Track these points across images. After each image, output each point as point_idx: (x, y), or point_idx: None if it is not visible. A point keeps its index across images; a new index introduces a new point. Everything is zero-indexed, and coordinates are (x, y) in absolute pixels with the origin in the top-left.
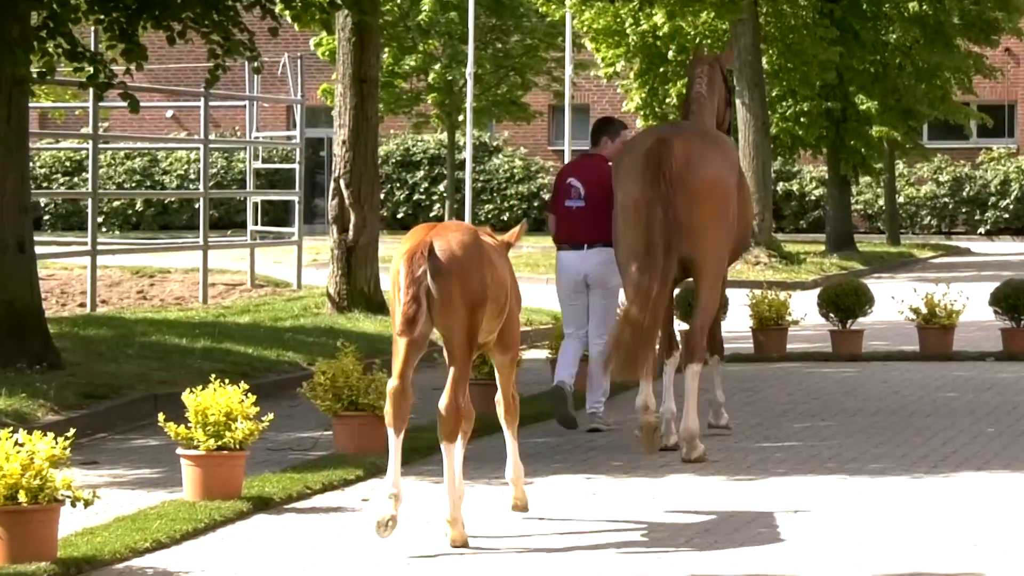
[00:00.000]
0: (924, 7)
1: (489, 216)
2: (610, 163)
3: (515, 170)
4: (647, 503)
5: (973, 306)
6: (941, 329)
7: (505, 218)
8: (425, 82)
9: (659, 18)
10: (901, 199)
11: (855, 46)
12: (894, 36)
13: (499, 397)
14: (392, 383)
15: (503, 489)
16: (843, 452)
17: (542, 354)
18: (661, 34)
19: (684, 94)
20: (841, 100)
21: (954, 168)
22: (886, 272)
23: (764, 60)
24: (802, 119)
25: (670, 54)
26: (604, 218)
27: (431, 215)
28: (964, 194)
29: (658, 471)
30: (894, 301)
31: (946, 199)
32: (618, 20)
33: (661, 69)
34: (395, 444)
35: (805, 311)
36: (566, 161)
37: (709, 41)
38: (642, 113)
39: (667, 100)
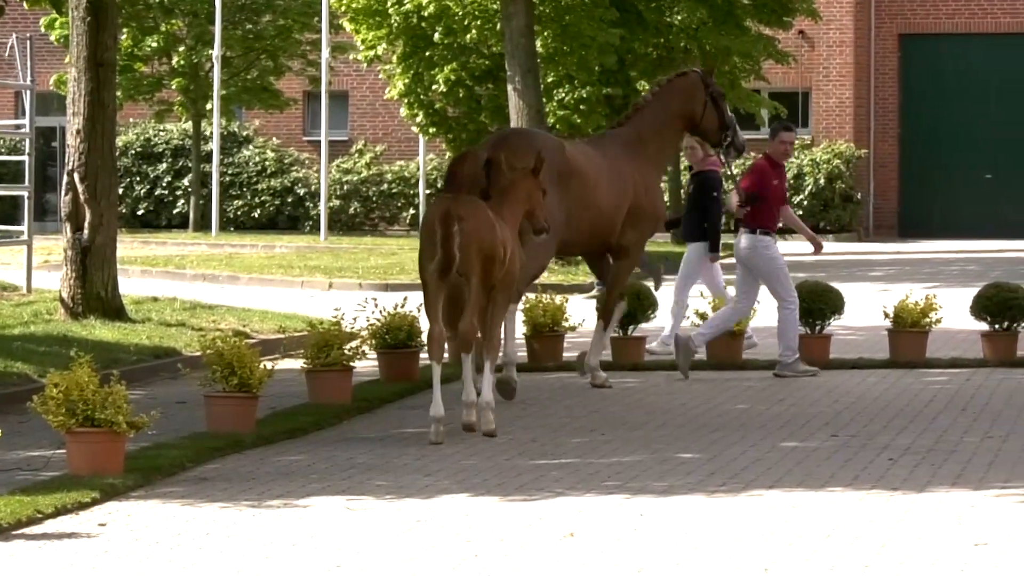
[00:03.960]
0: None
1: (239, 213)
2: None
3: (267, 163)
4: (412, 526)
5: (764, 311)
6: (730, 336)
7: (256, 215)
8: (168, 66)
9: None
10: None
11: (637, 28)
12: (679, 17)
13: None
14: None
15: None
16: (625, 470)
17: (297, 363)
18: (426, 14)
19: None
20: (623, 86)
21: (743, 160)
22: (670, 275)
23: (539, 43)
24: (581, 107)
25: (436, 36)
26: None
27: (175, 211)
28: None
29: (425, 491)
30: (678, 306)
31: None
32: None
33: (427, 53)
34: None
35: (583, 316)
36: (323, 152)
37: (479, 22)
38: (406, 101)
39: (433, 87)
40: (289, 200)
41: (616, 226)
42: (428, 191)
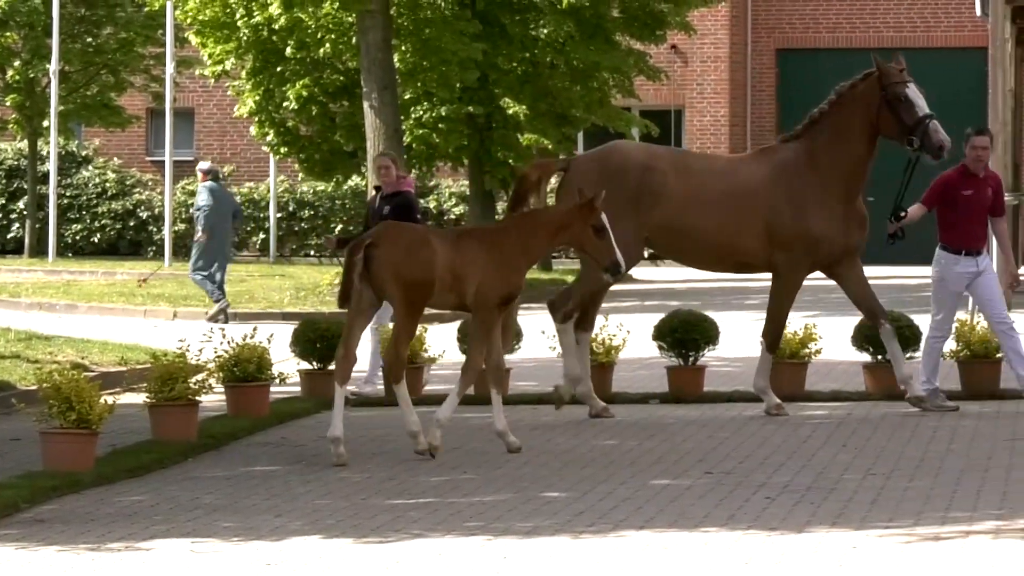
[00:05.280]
0: None
1: (77, 238)
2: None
3: (108, 184)
4: (262, 570)
5: (636, 340)
6: (599, 367)
7: (96, 240)
8: (2, 81)
9: (275, 8)
10: None
11: (501, 42)
12: (545, 31)
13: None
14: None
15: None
16: (488, 509)
17: (140, 398)
18: (277, 27)
19: None
20: (485, 104)
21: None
22: (536, 302)
23: (396, 58)
24: (440, 125)
25: (288, 50)
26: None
27: (9, 236)
28: None
29: (275, 532)
30: (544, 336)
31: None
32: (228, 11)
33: (278, 68)
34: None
35: (444, 347)
36: (167, 173)
37: (333, 36)
38: (256, 119)
39: (284, 104)
40: (131, 224)
41: (740, 246)
42: (279, 214)
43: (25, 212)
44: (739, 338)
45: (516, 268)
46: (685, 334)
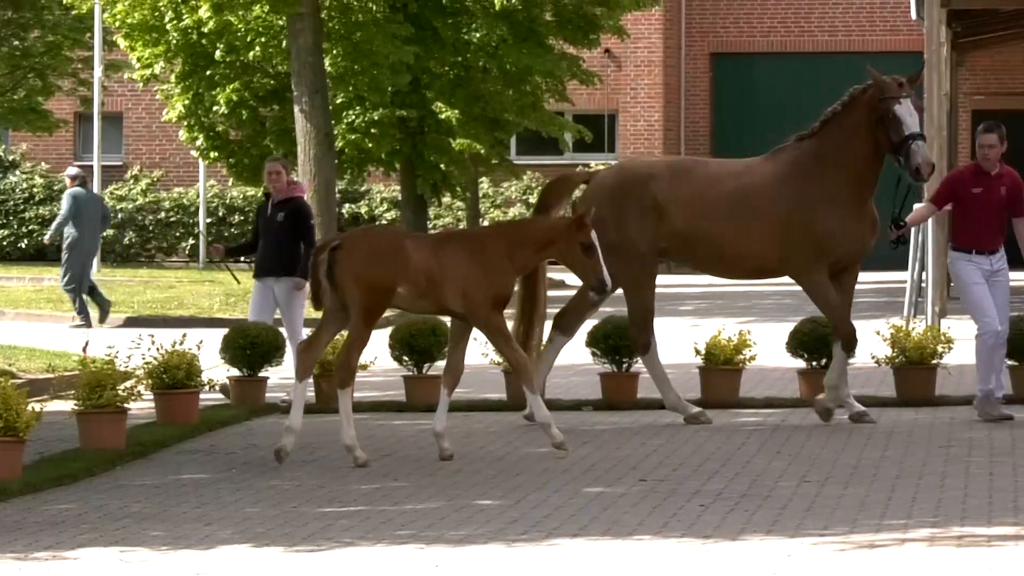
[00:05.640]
0: (513, 1)
1: (4, 243)
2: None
3: (35, 189)
4: None
5: (570, 347)
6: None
7: (23, 245)
8: None
9: (204, 12)
10: (486, 223)
11: (433, 46)
12: (478, 35)
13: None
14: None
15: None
16: (419, 517)
17: (68, 405)
18: (207, 30)
19: None
20: (418, 108)
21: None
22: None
23: (327, 61)
24: (372, 130)
25: (217, 54)
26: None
27: None
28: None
29: (205, 541)
30: (476, 342)
31: None
32: (157, 14)
33: (208, 72)
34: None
35: (376, 354)
36: (95, 178)
37: (263, 40)
38: (185, 123)
39: (214, 108)
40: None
41: (750, 250)
42: (208, 219)
43: None
44: (672, 344)
45: (502, 271)
46: (618, 340)
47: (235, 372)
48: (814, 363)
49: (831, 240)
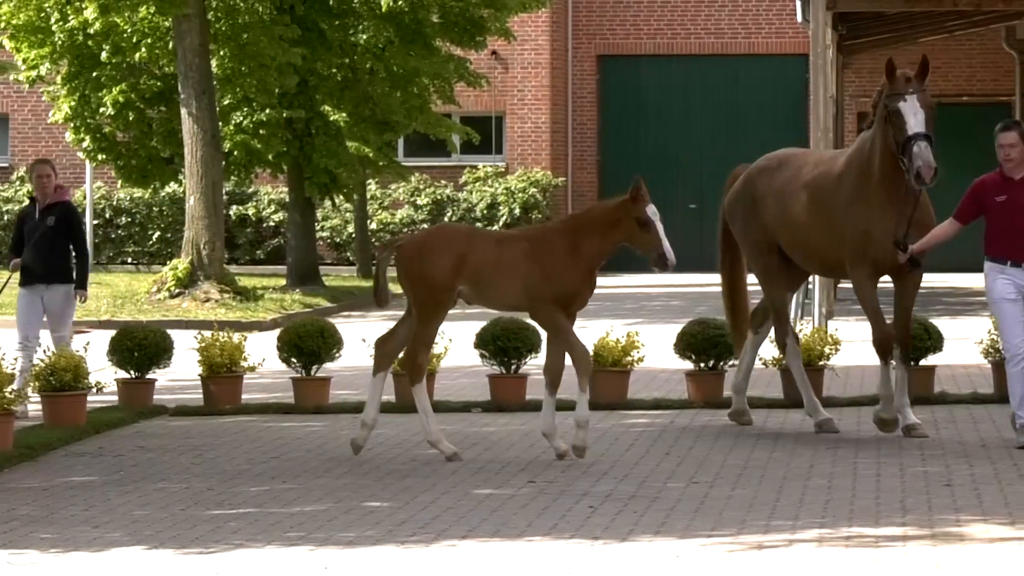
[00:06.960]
0: (400, 3)
1: None
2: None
3: None
4: None
5: (457, 349)
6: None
7: None
8: None
9: (90, 13)
10: (373, 225)
11: (320, 47)
12: (364, 37)
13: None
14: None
15: None
16: (308, 519)
17: None
18: (93, 32)
19: None
20: (305, 109)
21: (434, 190)
22: (356, 310)
23: (214, 63)
24: (260, 131)
25: (104, 55)
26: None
27: None
28: (447, 218)
29: (94, 544)
30: (365, 344)
31: (426, 225)
32: (42, 15)
33: (94, 73)
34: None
35: (264, 355)
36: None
37: (150, 41)
38: (72, 125)
39: (101, 109)
40: None
41: (832, 245)
42: (95, 221)
43: None
44: None
45: (565, 268)
46: (507, 342)
47: (123, 374)
48: (702, 364)
49: (866, 239)
